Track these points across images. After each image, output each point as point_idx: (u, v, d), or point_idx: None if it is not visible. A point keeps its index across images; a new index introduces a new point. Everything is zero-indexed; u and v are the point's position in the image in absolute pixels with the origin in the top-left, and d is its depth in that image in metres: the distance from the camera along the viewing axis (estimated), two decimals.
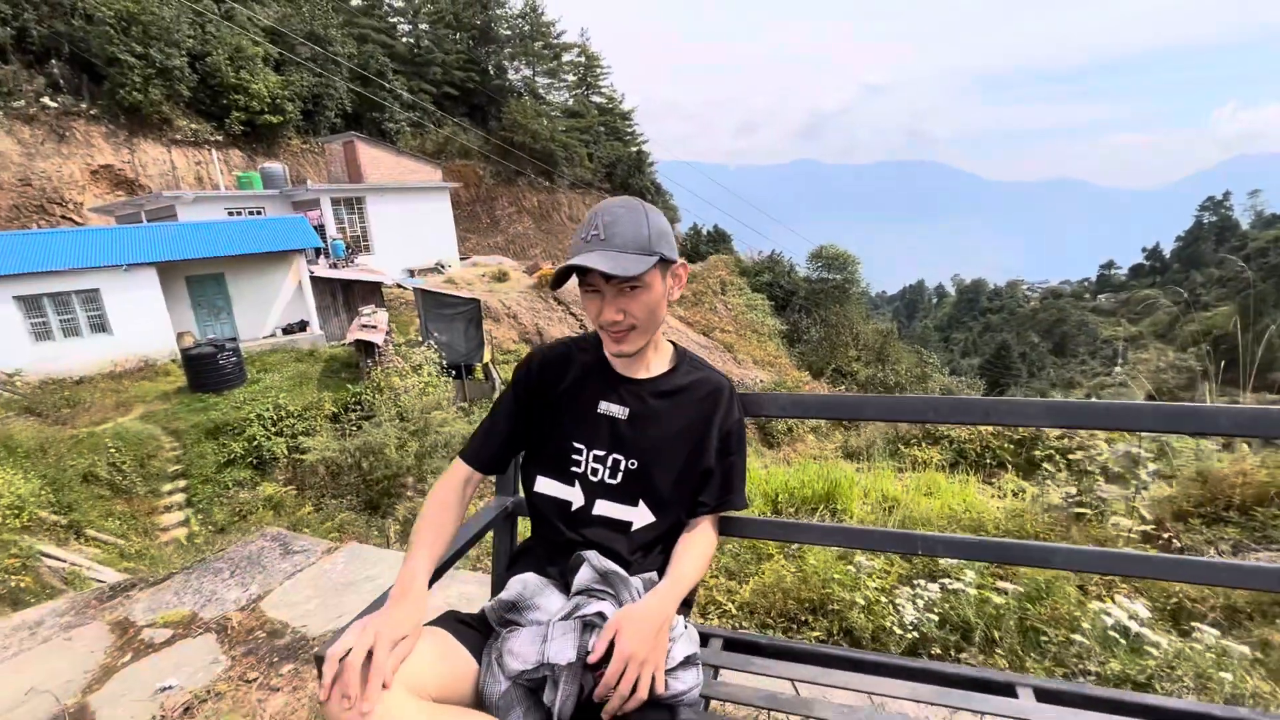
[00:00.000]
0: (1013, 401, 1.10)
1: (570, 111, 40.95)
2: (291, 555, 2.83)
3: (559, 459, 1.21)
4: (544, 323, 21.15)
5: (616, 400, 1.20)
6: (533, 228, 34.82)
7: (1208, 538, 3.18)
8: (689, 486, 1.21)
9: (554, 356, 1.26)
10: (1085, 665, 1.93)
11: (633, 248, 1.07)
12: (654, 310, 1.12)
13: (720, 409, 1.21)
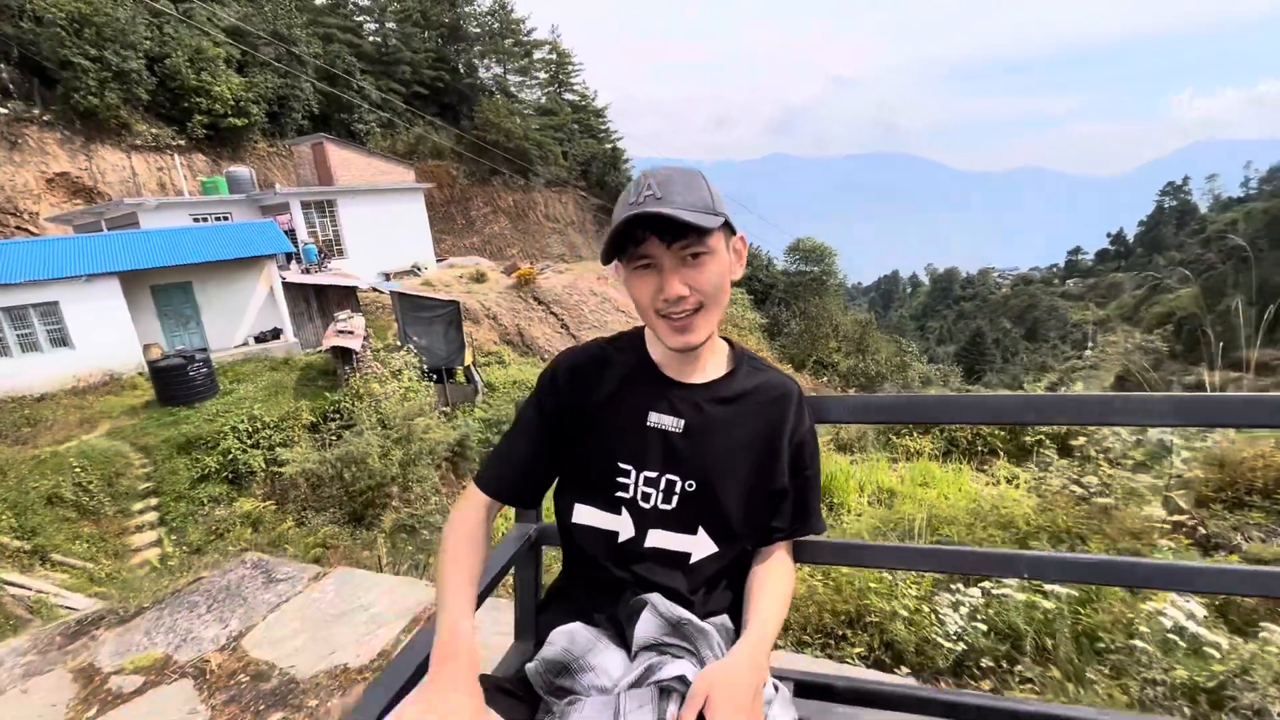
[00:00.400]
0: (1134, 398, 0.94)
1: (543, 109, 40.47)
2: (275, 584, 2.60)
3: (602, 483, 1.02)
4: (525, 323, 20.84)
5: (669, 410, 1.01)
6: (509, 227, 34.38)
7: (1233, 523, 3.10)
8: (758, 510, 1.02)
9: (586, 360, 1.06)
10: (1149, 674, 1.80)
11: (696, 206, 0.89)
12: (723, 285, 0.94)
13: (790, 416, 1.03)
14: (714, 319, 0.95)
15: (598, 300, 23.63)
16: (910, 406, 1.06)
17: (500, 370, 17.19)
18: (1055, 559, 0.97)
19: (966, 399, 1.04)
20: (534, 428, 1.06)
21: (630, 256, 0.93)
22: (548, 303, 21.95)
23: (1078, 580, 1.01)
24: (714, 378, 1.04)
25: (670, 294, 0.90)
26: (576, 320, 21.89)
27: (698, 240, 0.89)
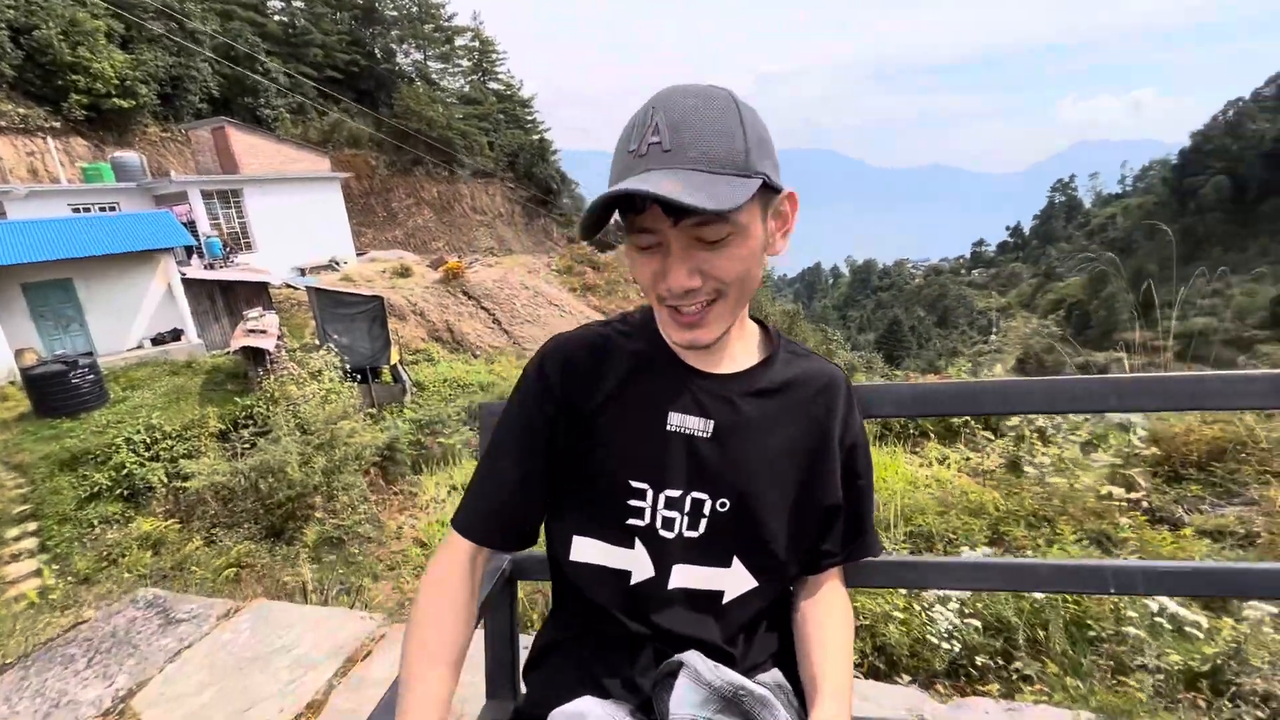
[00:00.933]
0: (1229, 376, 0.81)
1: (467, 98, 39.12)
2: (175, 625, 2.20)
3: (609, 508, 0.79)
4: (454, 319, 20.04)
5: (694, 408, 0.78)
6: (434, 220, 33.06)
7: (1174, 497, 3.21)
8: (806, 531, 0.82)
9: (583, 348, 0.82)
10: (1143, 660, 1.74)
11: (721, 163, 0.63)
12: (750, 271, 0.70)
13: (838, 412, 0.82)
14: (736, 310, 0.73)
15: (530, 294, 23.07)
16: (971, 395, 0.88)
17: (430, 368, 16.43)
18: (1145, 568, 0.83)
19: (1036, 384, 0.87)
20: (522, 443, 0.81)
21: (628, 225, 0.68)
22: (478, 297, 21.22)
23: (1171, 592, 0.87)
24: (746, 366, 0.81)
25: (674, 286, 0.67)
26: (509, 315, 21.28)
27: (717, 219, 0.64)
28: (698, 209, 0.59)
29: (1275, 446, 3.22)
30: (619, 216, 0.69)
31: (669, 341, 0.77)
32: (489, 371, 17.03)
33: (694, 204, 0.59)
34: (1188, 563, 0.86)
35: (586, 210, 0.66)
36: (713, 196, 0.60)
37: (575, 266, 27.64)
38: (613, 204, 0.64)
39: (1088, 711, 1.50)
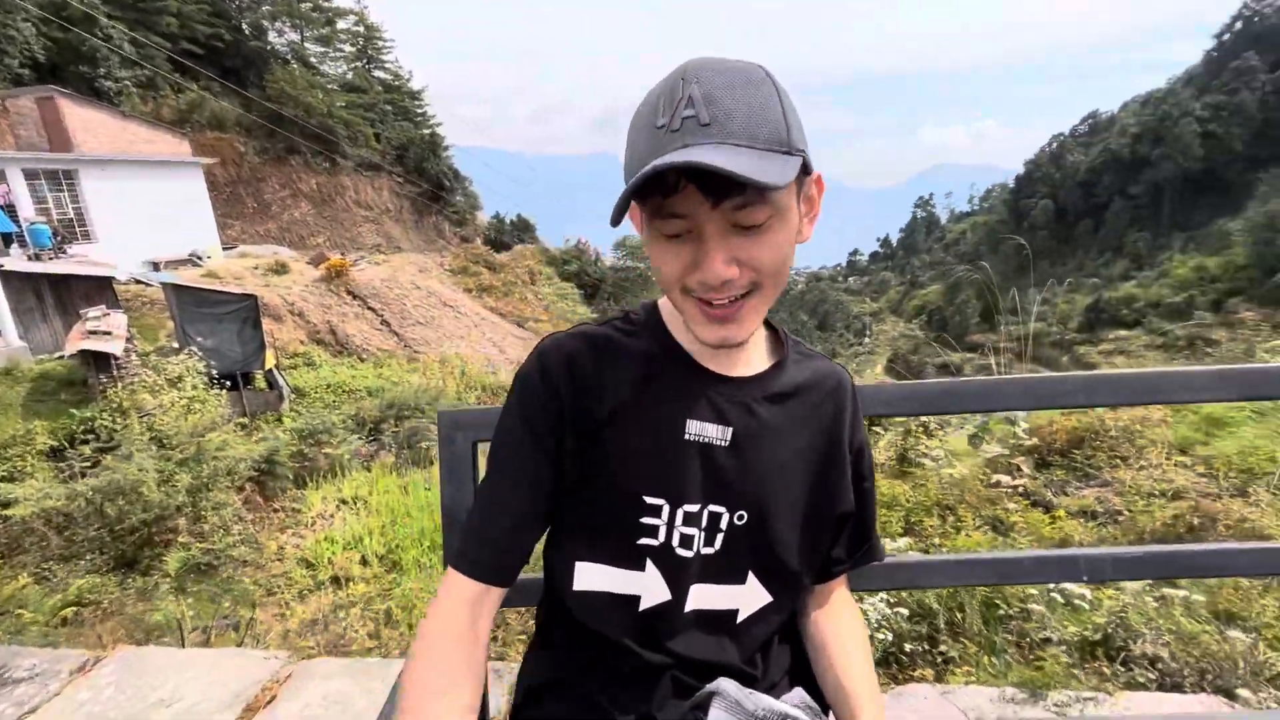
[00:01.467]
0: (1179, 372, 0.88)
1: (350, 86, 36.66)
2: (11, 687, 1.83)
3: (619, 528, 0.72)
4: (338, 320, 18.68)
5: (712, 415, 0.73)
6: (313, 213, 30.68)
7: (1043, 481, 3.58)
8: (820, 540, 0.79)
9: (586, 350, 0.75)
10: (1047, 634, 1.90)
11: (764, 139, 0.58)
12: (787, 260, 0.65)
13: (847, 414, 0.80)
14: (768, 305, 0.67)
15: (422, 295, 22.02)
16: (958, 393, 0.90)
17: (310, 373, 15.20)
18: (1113, 555, 0.88)
19: (1017, 381, 0.91)
20: (528, 460, 0.72)
21: (652, 209, 0.62)
22: (364, 297, 19.93)
23: (1133, 576, 0.93)
24: (761, 369, 0.77)
25: (711, 277, 0.61)
26: (399, 316, 20.17)
27: (760, 200, 0.58)
28: (759, 182, 0.53)
29: (1121, 435, 3.68)
30: (637, 203, 0.62)
31: (697, 340, 0.69)
32: (378, 376, 16.03)
33: (753, 177, 0.53)
34: (1146, 548, 0.93)
35: (623, 193, 0.59)
36: (764, 172, 0.54)
37: (470, 267, 26.77)
38: (645, 187, 0.57)
39: (1011, 687, 1.60)
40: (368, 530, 7.05)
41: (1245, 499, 2.61)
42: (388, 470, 9.76)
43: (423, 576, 6.07)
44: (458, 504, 0.91)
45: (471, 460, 0.92)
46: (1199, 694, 1.59)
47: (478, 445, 0.93)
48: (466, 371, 16.24)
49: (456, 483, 0.91)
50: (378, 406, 12.47)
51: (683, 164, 0.54)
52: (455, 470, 0.92)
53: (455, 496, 0.91)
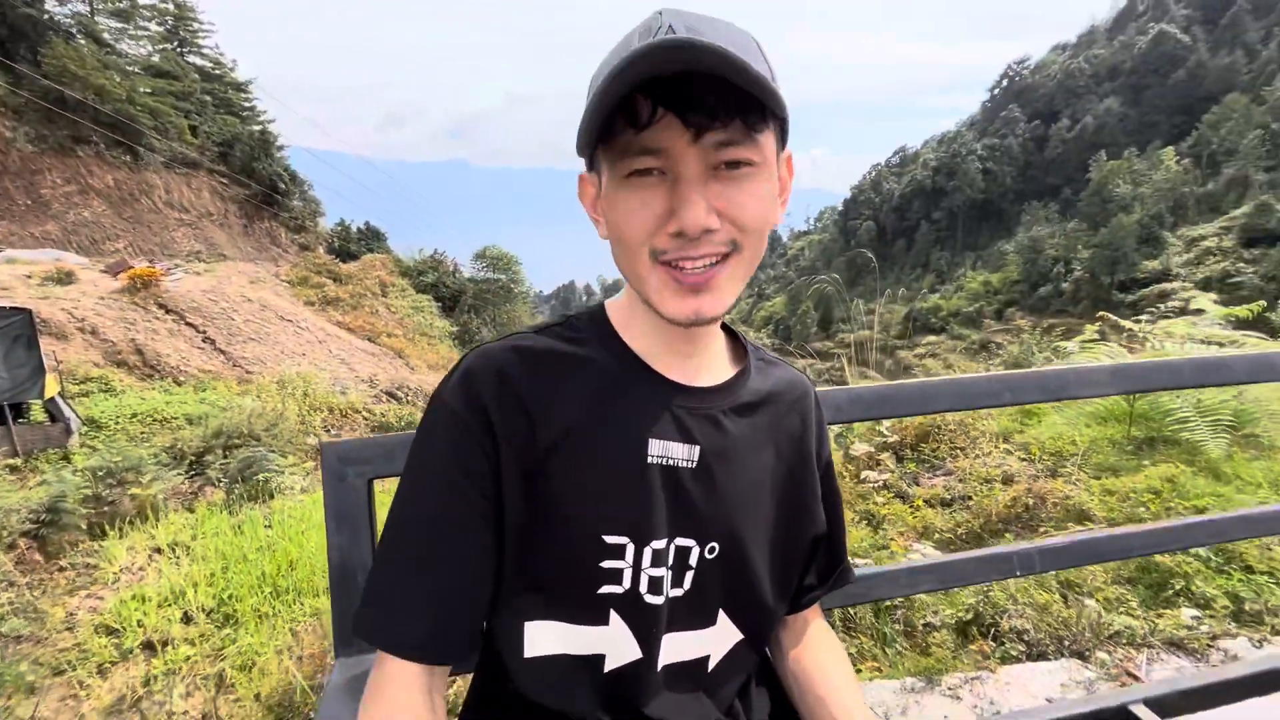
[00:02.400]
0: (1080, 370, 0.93)
1: (157, 70, 32.06)
2: None
3: (576, 578, 0.60)
4: (145, 337, 16.08)
5: (676, 433, 0.62)
6: (109, 214, 26.30)
7: (899, 474, 3.90)
8: (792, 566, 0.71)
9: (524, 364, 0.62)
10: (926, 619, 2.03)
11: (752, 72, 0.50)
12: (768, 221, 0.58)
13: (812, 425, 0.73)
14: (746, 276, 0.59)
15: (254, 308, 19.67)
16: (896, 398, 0.89)
17: (109, 400, 12.94)
18: (1037, 549, 0.92)
19: (952, 384, 0.92)
20: (462, 507, 0.57)
21: (620, 149, 0.53)
22: (181, 311, 17.39)
23: (1058, 566, 0.97)
24: (725, 377, 0.68)
25: (690, 222, 0.52)
26: (226, 333, 17.83)
27: (746, 137, 0.52)
28: (757, 78, 0.47)
29: (958, 428, 4.13)
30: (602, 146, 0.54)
31: (661, 316, 0.58)
32: (200, 401, 14.01)
33: (754, 68, 0.47)
34: (1066, 538, 0.98)
35: (592, 105, 0.50)
36: (758, 82, 0.48)
37: (313, 277, 24.50)
38: (616, 100, 0.49)
39: (910, 677, 1.67)
40: (191, 581, 6.04)
41: (1061, 479, 3.03)
42: (217, 509, 8.51)
43: (265, 628, 5.32)
44: (352, 557, 0.73)
45: (367, 501, 0.74)
46: (1060, 659, 1.78)
47: (373, 483, 0.75)
48: (310, 392, 14.70)
49: (349, 531, 0.73)
50: (201, 436, 10.89)
51: (679, 41, 0.46)
52: (347, 515, 0.73)
53: (349, 548, 0.73)
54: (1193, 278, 45.53)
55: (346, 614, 0.71)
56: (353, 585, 0.71)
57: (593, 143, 0.53)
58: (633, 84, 0.48)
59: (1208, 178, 56.53)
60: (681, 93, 0.49)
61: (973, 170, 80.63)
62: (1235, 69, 67.11)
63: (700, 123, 0.50)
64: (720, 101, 0.50)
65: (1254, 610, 1.95)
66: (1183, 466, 2.85)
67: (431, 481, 0.59)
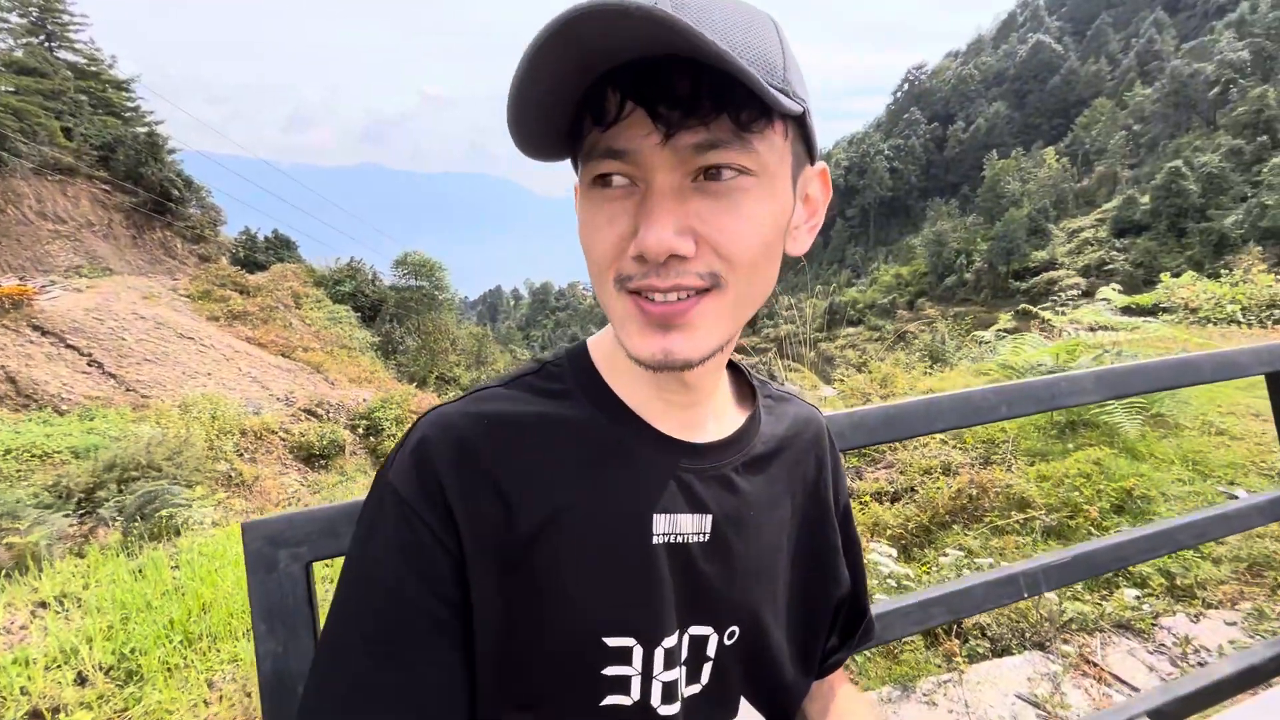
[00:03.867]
0: (1070, 378, 0.91)
1: (21, 67, 28.90)
2: None
3: (574, 691, 0.49)
4: (17, 364, 14.40)
5: (684, 503, 0.52)
6: None
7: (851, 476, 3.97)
8: (815, 634, 0.62)
9: (491, 434, 0.49)
10: None
11: (750, 57, 0.39)
12: (768, 250, 0.45)
13: (828, 466, 0.64)
14: (735, 317, 0.47)
15: (148, 326, 18.04)
16: (900, 419, 0.83)
17: None
18: (1041, 567, 0.89)
19: (951, 400, 0.87)
20: (416, 619, 0.45)
21: (588, 150, 0.43)
22: (61, 333, 15.73)
23: (1061, 583, 0.95)
24: (735, 427, 0.57)
25: (651, 243, 0.41)
26: (115, 355, 16.25)
27: (735, 138, 0.41)
28: (734, 66, 0.35)
29: None
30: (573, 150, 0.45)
31: (629, 353, 0.46)
32: (87, 431, 12.68)
33: (731, 54, 0.35)
34: (1066, 552, 0.95)
35: (516, 85, 0.38)
36: (743, 73, 0.36)
37: (215, 290, 22.80)
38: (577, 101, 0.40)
39: (886, 687, 1.64)
40: (84, 637, 5.40)
41: (996, 467, 3.15)
42: (112, 552, 7.71)
43: (174, 683, 4.82)
44: (289, 666, 0.58)
45: (306, 592, 0.59)
46: (1024, 653, 1.81)
47: (311, 567, 0.61)
48: (219, 414, 13.63)
49: (284, 631, 0.58)
50: (90, 470, 9.85)
51: (622, 5, 0.33)
52: (280, 612, 0.58)
53: (284, 654, 0.58)
54: (1075, 265, 49.91)
55: None
56: (289, 702, 0.56)
57: (538, 136, 0.42)
58: (589, 70, 0.38)
59: (1083, 174, 62.19)
60: (654, 82, 0.39)
61: (881, 169, 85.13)
62: (1101, 76, 74.13)
63: (672, 118, 0.39)
64: (700, 92, 0.39)
65: (1185, 585, 2.06)
66: (1105, 449, 3.02)
67: (374, 589, 0.46)
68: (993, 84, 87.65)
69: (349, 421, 16.28)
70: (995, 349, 4.90)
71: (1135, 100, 63.03)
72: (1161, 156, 54.25)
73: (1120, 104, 65.70)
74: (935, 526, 2.73)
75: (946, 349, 9.04)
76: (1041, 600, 1.98)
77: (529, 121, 0.40)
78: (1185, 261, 36.96)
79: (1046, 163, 62.36)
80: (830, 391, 5.41)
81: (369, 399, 17.92)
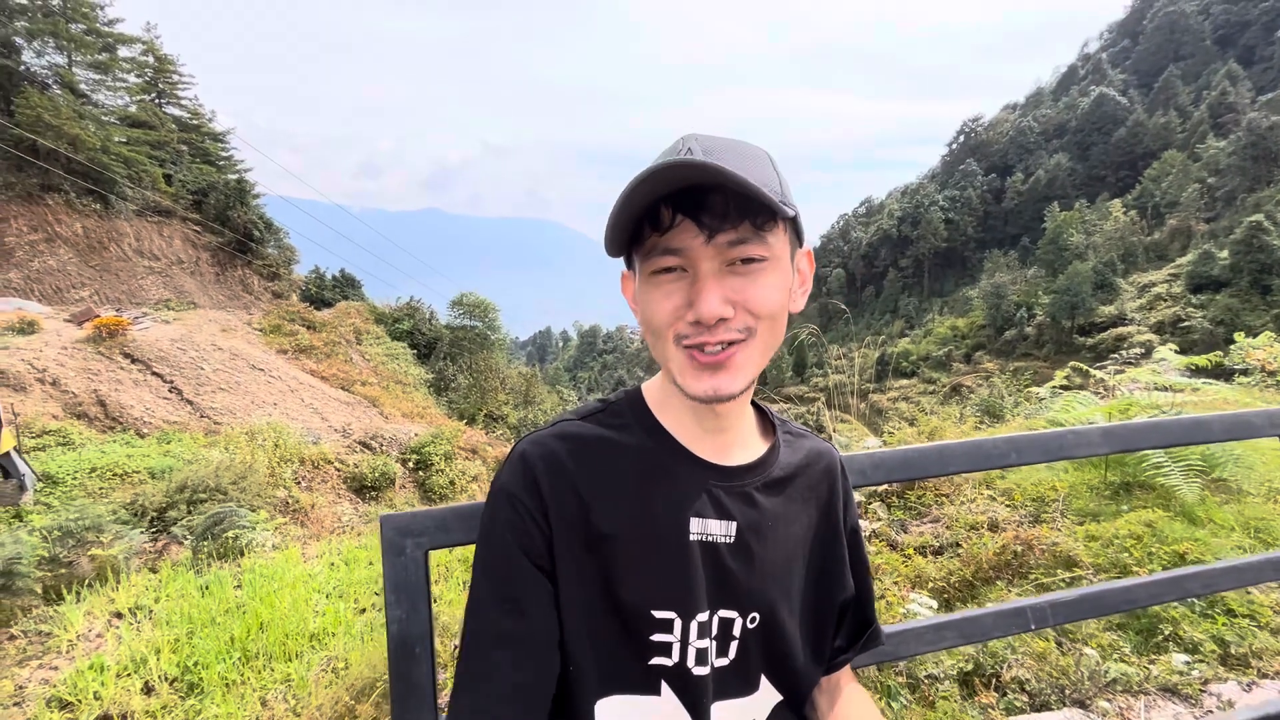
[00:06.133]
0: (1077, 431, 1.01)
1: (134, 120, 32.12)
2: None
3: (630, 651, 0.66)
4: (108, 388, 15.59)
5: (714, 511, 0.69)
6: (75, 262, 25.81)
7: (888, 522, 3.95)
8: (824, 630, 0.77)
9: (574, 453, 0.68)
10: (927, 670, 2.04)
11: (760, 183, 0.59)
12: (782, 310, 0.65)
13: (839, 494, 0.80)
14: (762, 358, 0.66)
15: (224, 356, 19.28)
16: (916, 461, 0.95)
17: (67, 455, 12.41)
18: (1049, 603, 0.97)
19: (963, 447, 0.98)
20: (533, 588, 0.64)
21: (647, 249, 0.62)
22: (147, 360, 16.97)
23: (1068, 619, 1.02)
24: (758, 455, 0.75)
25: (705, 312, 0.59)
26: (194, 382, 17.40)
27: (755, 235, 0.60)
28: (753, 189, 0.56)
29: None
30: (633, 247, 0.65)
31: (686, 396, 0.65)
32: (164, 453, 13.52)
33: (749, 186, 0.56)
34: (1074, 592, 1.03)
35: (613, 212, 0.59)
36: (759, 193, 0.57)
37: (285, 325, 24.20)
38: (638, 211, 0.59)
39: None
40: (153, 648, 5.72)
41: (1045, 525, 3.11)
42: (182, 568, 8.14)
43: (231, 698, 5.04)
44: (410, 629, 0.75)
45: (424, 574, 0.77)
46: (1063, 709, 1.81)
47: (429, 555, 0.78)
48: (281, 443, 14.32)
49: (408, 603, 0.75)
50: (165, 491, 10.49)
51: (681, 161, 0.55)
52: (406, 588, 0.75)
53: (407, 620, 0.75)
54: (1146, 321, 47.60)
55: (406, 683, 0.72)
56: (411, 656, 0.73)
57: (621, 243, 0.62)
58: (653, 196, 0.58)
59: (1153, 227, 59.80)
60: (696, 201, 0.59)
61: (936, 220, 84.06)
62: (1170, 128, 71.99)
63: (713, 225, 0.59)
64: (729, 207, 0.59)
65: (1240, 653, 2.01)
66: (1159, 511, 2.95)
67: (498, 558, 0.64)
68: (1053, 135, 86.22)
69: (400, 455, 16.81)
70: (1049, 406, 4.81)
71: (1209, 153, 60.79)
72: (1240, 210, 51.84)
73: (1192, 156, 63.45)
74: (978, 581, 2.71)
75: (1003, 404, 8.80)
76: (1083, 658, 1.96)
77: (620, 231, 0.60)
78: (1271, 320, 34.82)
79: (1113, 215, 60.40)
80: (875, 442, 5.39)
81: (420, 434, 18.52)
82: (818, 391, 27.42)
